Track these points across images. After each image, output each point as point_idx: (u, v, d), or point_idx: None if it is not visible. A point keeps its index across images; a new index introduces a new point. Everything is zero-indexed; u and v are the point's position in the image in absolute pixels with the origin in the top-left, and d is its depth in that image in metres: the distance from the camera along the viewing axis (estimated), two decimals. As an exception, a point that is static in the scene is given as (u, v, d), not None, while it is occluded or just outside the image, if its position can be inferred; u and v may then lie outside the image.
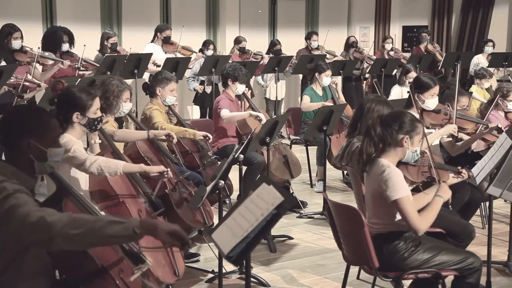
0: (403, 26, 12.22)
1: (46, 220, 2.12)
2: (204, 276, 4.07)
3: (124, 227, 2.16)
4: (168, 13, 10.44)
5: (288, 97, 10.67)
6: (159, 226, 2.21)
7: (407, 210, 2.97)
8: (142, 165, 3.55)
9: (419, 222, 2.97)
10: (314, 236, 4.89)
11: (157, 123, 4.74)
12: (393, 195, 2.98)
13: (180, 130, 4.75)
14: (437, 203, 3.08)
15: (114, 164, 3.36)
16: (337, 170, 6.43)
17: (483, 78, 7.32)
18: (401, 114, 3.20)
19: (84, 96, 3.42)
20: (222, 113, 5.43)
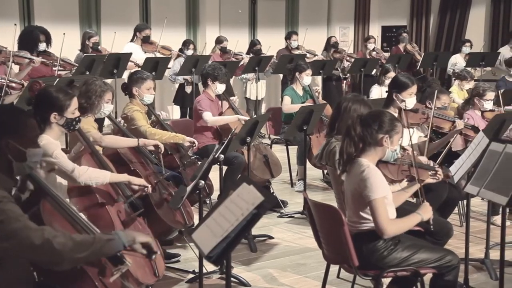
0: (382, 26, 12.31)
1: (52, 244, 2.23)
2: (184, 276, 4.06)
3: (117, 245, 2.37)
4: (147, 12, 10.39)
5: (268, 97, 10.68)
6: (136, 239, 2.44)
7: (379, 211, 3.00)
8: (126, 175, 3.58)
9: (386, 225, 3.00)
10: (295, 236, 4.91)
11: (143, 127, 4.71)
12: (370, 195, 3.01)
13: (170, 136, 4.76)
14: (414, 218, 3.11)
15: (103, 175, 3.38)
16: (317, 170, 6.45)
17: (464, 80, 7.39)
18: (381, 113, 3.22)
19: (62, 96, 3.39)
20: (205, 117, 5.41)
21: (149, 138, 4.63)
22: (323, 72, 8.96)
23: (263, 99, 9.90)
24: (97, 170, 3.40)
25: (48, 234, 2.24)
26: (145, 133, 4.66)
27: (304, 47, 9.93)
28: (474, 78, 7.62)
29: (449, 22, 12.61)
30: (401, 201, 3.36)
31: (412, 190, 3.35)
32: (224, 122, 5.49)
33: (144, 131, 4.67)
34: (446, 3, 12.59)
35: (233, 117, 5.53)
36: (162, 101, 10.11)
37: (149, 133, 4.68)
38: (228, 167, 5.22)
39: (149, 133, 4.68)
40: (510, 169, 3.11)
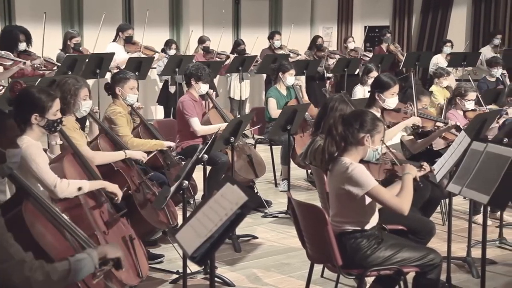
0: (365, 26, 12.37)
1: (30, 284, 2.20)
2: (168, 277, 4.05)
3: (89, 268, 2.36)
4: (130, 12, 10.33)
5: (252, 96, 10.68)
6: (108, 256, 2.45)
7: (384, 196, 3.01)
8: (102, 182, 3.54)
9: (400, 203, 3.01)
10: (279, 235, 4.92)
11: (124, 138, 4.66)
12: (363, 188, 3.01)
13: (151, 145, 4.73)
14: (408, 181, 3.12)
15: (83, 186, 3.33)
16: (301, 169, 6.47)
17: (441, 77, 7.47)
18: (362, 113, 3.24)
19: (44, 97, 3.36)
20: (194, 126, 5.39)
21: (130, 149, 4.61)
22: (307, 71, 8.99)
23: (247, 99, 9.90)
24: (76, 183, 3.32)
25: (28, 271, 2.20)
26: (126, 144, 4.63)
27: (287, 47, 9.95)
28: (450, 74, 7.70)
29: (431, 22, 12.72)
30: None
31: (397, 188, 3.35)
32: (213, 131, 5.44)
33: (125, 142, 4.63)
34: (428, 4, 12.70)
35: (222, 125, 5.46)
36: (145, 101, 10.06)
37: (131, 144, 4.65)
38: (212, 167, 5.22)
39: (130, 145, 4.65)
40: (491, 168, 3.14)
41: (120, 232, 3.46)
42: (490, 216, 5.02)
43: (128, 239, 3.43)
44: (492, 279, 3.97)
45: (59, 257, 2.46)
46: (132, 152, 4.32)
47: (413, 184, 3.15)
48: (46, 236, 2.62)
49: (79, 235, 2.68)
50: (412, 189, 3.11)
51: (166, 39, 9.34)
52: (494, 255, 4.40)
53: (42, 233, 2.61)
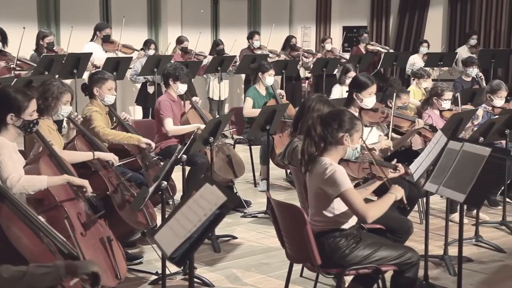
0: (343, 26, 12.44)
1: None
2: (147, 278, 4.03)
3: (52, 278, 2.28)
4: (108, 11, 10.25)
5: (231, 97, 10.68)
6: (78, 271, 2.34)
7: (353, 200, 3.03)
8: (65, 176, 3.45)
9: (366, 210, 3.02)
10: (258, 235, 4.92)
11: (97, 128, 4.62)
12: (338, 189, 3.03)
13: (125, 136, 4.69)
14: (389, 198, 3.15)
15: (38, 181, 3.26)
16: (280, 169, 6.48)
17: (421, 78, 7.54)
18: (340, 112, 3.25)
19: (20, 97, 3.32)
20: (167, 126, 5.36)
21: (103, 138, 4.55)
22: (286, 72, 9.01)
23: (226, 99, 9.90)
24: (31, 178, 3.27)
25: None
26: (98, 134, 4.58)
27: (267, 47, 9.97)
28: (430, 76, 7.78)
29: (408, 22, 12.83)
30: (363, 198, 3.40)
31: (373, 187, 3.39)
32: (185, 131, 5.43)
33: (97, 132, 4.58)
34: (405, 4, 12.81)
35: (193, 126, 5.44)
36: (123, 101, 10.00)
37: (103, 134, 4.60)
38: (191, 167, 5.20)
39: (102, 134, 4.59)
40: (467, 167, 3.18)
41: (97, 233, 3.43)
42: (467, 215, 5.08)
43: (106, 241, 3.41)
44: (468, 277, 4.02)
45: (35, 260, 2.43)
46: (101, 153, 4.17)
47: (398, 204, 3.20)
48: (22, 239, 2.58)
49: (56, 238, 2.65)
50: (386, 208, 3.12)
51: (145, 39, 9.29)
52: (470, 253, 4.46)
53: (18, 236, 2.58)
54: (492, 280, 4.05)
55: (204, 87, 9.79)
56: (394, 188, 3.21)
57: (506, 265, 4.31)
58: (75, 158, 4.05)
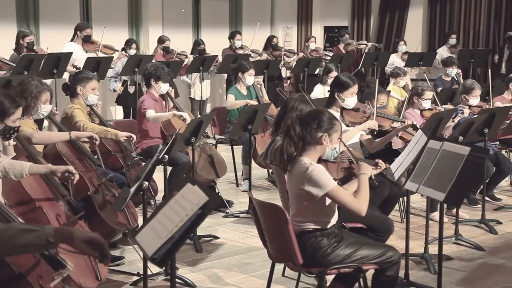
0: (324, 26, 12.49)
1: None
2: (128, 279, 4.01)
3: (36, 236, 2.01)
4: (88, 11, 10.18)
5: (213, 96, 10.67)
6: (75, 234, 2.06)
7: (342, 197, 3.05)
8: (49, 165, 3.38)
9: (358, 204, 3.05)
10: (240, 235, 4.92)
11: (79, 122, 4.62)
12: (323, 189, 3.04)
13: (102, 130, 4.65)
14: (364, 181, 3.17)
15: (19, 165, 3.19)
16: (262, 169, 6.49)
17: (398, 77, 7.61)
18: (319, 112, 3.26)
19: (8, 103, 3.26)
20: (148, 114, 5.36)
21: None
22: (267, 71, 9.02)
23: (207, 99, 9.88)
24: (14, 161, 3.20)
25: None
26: (79, 128, 4.57)
27: (249, 47, 9.97)
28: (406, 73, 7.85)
29: (388, 22, 12.93)
30: None
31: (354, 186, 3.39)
32: (162, 118, 5.43)
33: (79, 126, 4.57)
34: (386, 4, 12.91)
35: (169, 114, 5.44)
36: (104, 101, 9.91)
37: (83, 127, 4.59)
38: (173, 167, 5.19)
39: (82, 127, 4.58)
40: (447, 166, 3.21)
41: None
42: (447, 213, 5.14)
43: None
44: (448, 275, 4.06)
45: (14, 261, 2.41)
46: (78, 132, 4.21)
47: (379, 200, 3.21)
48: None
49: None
50: (368, 189, 3.15)
51: (126, 39, 9.23)
52: (450, 251, 4.50)
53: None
54: (472, 278, 4.09)
55: (186, 87, 9.77)
56: (362, 168, 3.23)
57: (485, 262, 4.36)
58: (51, 139, 4.07)
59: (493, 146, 5.75)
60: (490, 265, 4.33)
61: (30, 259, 2.49)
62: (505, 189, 6.19)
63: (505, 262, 4.35)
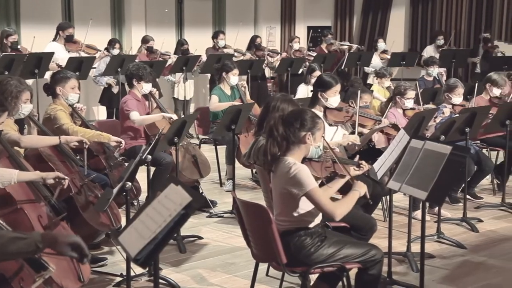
0: (307, 26, 12.53)
1: None
2: (112, 280, 3.99)
3: (26, 243, 2.10)
4: (70, 10, 10.10)
5: (196, 96, 10.65)
6: (59, 238, 2.16)
7: (320, 199, 3.06)
8: (38, 172, 3.40)
9: (333, 208, 3.07)
10: (224, 235, 4.92)
11: (65, 125, 4.58)
12: (303, 189, 3.05)
13: (95, 134, 4.64)
14: (353, 196, 3.19)
15: (8, 173, 3.19)
16: (246, 169, 6.49)
17: (383, 77, 7.65)
18: (302, 112, 3.27)
19: None
20: (132, 117, 5.33)
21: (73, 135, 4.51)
22: (251, 71, 9.02)
23: (191, 99, 9.86)
24: (2, 169, 3.20)
25: None
26: (67, 131, 4.53)
27: (232, 46, 9.97)
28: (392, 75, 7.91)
29: (371, 22, 13.01)
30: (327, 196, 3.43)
31: (337, 185, 3.41)
32: (150, 121, 5.41)
33: (66, 129, 4.53)
34: (368, 4, 12.98)
35: (157, 116, 5.45)
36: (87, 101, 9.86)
37: (72, 131, 4.55)
38: (156, 168, 5.17)
39: (71, 131, 4.54)
40: (429, 165, 3.24)
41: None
42: (429, 212, 5.17)
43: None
44: (430, 273, 4.09)
45: None
46: (68, 137, 4.20)
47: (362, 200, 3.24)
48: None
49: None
50: (352, 204, 3.17)
51: (109, 39, 9.18)
52: (432, 249, 4.54)
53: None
54: (454, 276, 4.13)
55: (169, 87, 9.74)
56: (357, 185, 3.25)
57: (466, 260, 4.41)
58: (40, 143, 4.06)
59: (474, 145, 5.80)
60: (471, 262, 4.37)
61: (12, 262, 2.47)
62: (486, 187, 6.26)
63: (486, 260, 4.40)
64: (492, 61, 10.16)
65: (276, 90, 10.57)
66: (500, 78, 6.27)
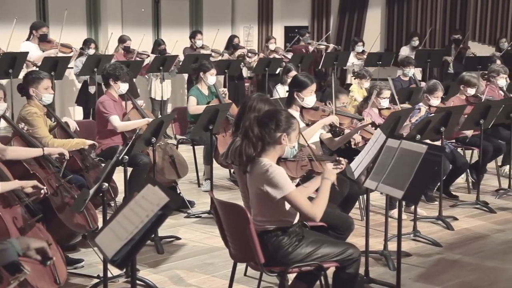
0: (285, 26, 12.56)
1: None
2: (88, 282, 3.95)
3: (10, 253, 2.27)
4: (45, 10, 9.98)
5: (174, 96, 10.61)
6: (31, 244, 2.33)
7: (299, 201, 3.07)
8: (17, 182, 3.43)
9: (313, 210, 3.07)
10: (202, 235, 4.91)
11: (44, 139, 4.55)
12: (281, 192, 3.06)
13: (72, 144, 4.61)
14: (326, 186, 3.20)
15: None
16: (224, 169, 6.48)
17: (363, 78, 7.70)
18: (276, 112, 3.27)
19: None
20: (114, 122, 5.29)
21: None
22: (228, 71, 9.02)
23: (168, 99, 9.82)
24: None
25: None
26: (46, 145, 4.50)
27: (209, 46, 9.95)
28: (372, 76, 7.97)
29: (348, 22, 13.10)
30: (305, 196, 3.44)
31: (314, 185, 3.41)
32: (134, 126, 5.36)
33: (46, 143, 4.51)
34: (345, 4, 13.07)
35: (142, 121, 5.41)
36: (63, 102, 9.77)
37: (51, 146, 4.53)
38: (133, 168, 5.14)
39: (51, 145, 4.52)
40: (405, 164, 3.27)
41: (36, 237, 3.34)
42: (405, 210, 5.23)
43: (45, 245, 3.31)
44: (407, 271, 4.13)
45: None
46: (50, 149, 4.19)
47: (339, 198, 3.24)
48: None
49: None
50: (328, 196, 3.18)
51: (85, 38, 9.10)
52: (409, 247, 4.58)
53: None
54: (430, 274, 4.18)
55: (146, 87, 9.69)
56: (326, 173, 3.25)
57: (442, 258, 4.46)
58: (24, 155, 4.01)
59: (450, 144, 5.88)
60: (447, 260, 4.43)
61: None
62: (461, 186, 6.34)
63: (461, 258, 4.46)
64: (465, 62, 10.30)
65: (254, 90, 10.57)
66: (471, 77, 6.35)
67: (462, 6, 12.25)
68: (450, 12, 12.38)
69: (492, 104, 5.68)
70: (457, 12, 12.32)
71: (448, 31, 12.34)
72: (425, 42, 11.73)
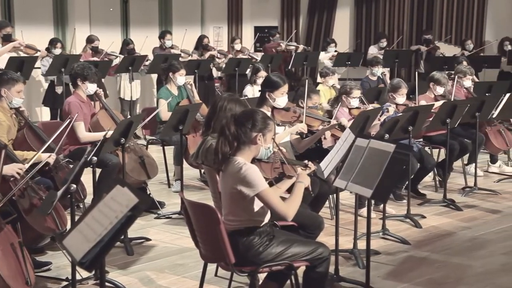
0: (254, 26, 12.58)
1: None
2: (57, 284, 3.90)
3: None
4: (10, 9, 9.80)
5: (143, 96, 10.53)
6: None
7: (272, 199, 3.09)
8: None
9: (285, 209, 3.10)
10: (172, 236, 4.89)
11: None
12: (254, 189, 3.06)
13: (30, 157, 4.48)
14: (299, 189, 3.24)
15: None
16: (194, 169, 6.47)
17: (326, 76, 7.76)
18: (253, 112, 3.29)
19: None
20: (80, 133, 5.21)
21: None
22: (198, 71, 8.99)
23: (137, 99, 9.74)
24: None
25: None
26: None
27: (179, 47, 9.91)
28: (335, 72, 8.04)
29: (317, 22, 13.19)
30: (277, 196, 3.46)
31: (285, 186, 3.45)
32: (97, 138, 5.26)
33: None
34: (314, 4, 13.15)
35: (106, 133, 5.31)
36: (29, 102, 9.61)
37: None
38: (102, 169, 5.09)
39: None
40: (373, 163, 3.30)
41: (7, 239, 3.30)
42: (374, 209, 5.29)
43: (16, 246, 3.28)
44: (376, 269, 4.18)
45: None
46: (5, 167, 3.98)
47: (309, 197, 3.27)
48: None
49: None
50: (301, 198, 3.22)
51: (51, 38, 8.96)
52: (378, 246, 4.64)
53: None
54: (398, 271, 4.23)
55: (115, 87, 9.60)
56: (300, 176, 3.31)
57: (411, 256, 4.52)
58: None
59: (417, 143, 5.96)
60: (415, 258, 4.49)
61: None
62: (429, 184, 6.44)
63: (429, 255, 4.53)
64: (434, 62, 10.48)
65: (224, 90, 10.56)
66: (442, 76, 6.48)
67: (428, 7, 12.45)
68: (417, 13, 12.56)
69: (458, 104, 5.78)
70: (424, 13, 12.51)
71: (415, 31, 12.52)
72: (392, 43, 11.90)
